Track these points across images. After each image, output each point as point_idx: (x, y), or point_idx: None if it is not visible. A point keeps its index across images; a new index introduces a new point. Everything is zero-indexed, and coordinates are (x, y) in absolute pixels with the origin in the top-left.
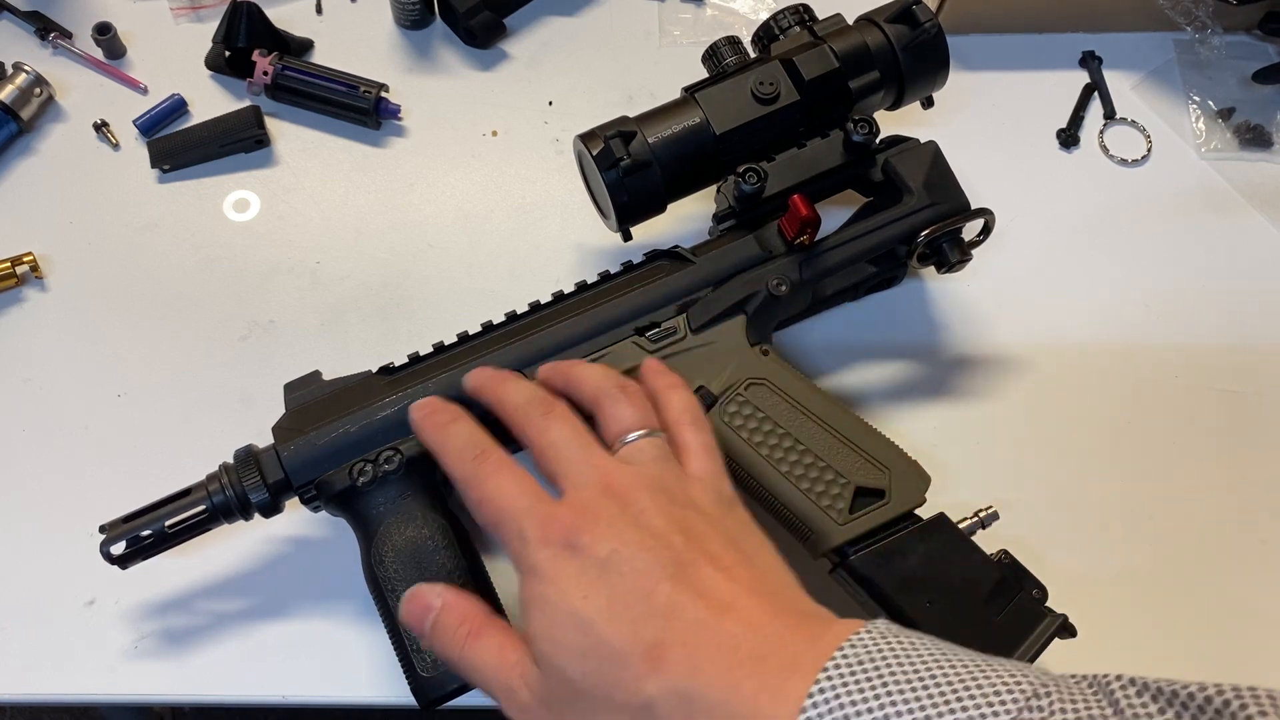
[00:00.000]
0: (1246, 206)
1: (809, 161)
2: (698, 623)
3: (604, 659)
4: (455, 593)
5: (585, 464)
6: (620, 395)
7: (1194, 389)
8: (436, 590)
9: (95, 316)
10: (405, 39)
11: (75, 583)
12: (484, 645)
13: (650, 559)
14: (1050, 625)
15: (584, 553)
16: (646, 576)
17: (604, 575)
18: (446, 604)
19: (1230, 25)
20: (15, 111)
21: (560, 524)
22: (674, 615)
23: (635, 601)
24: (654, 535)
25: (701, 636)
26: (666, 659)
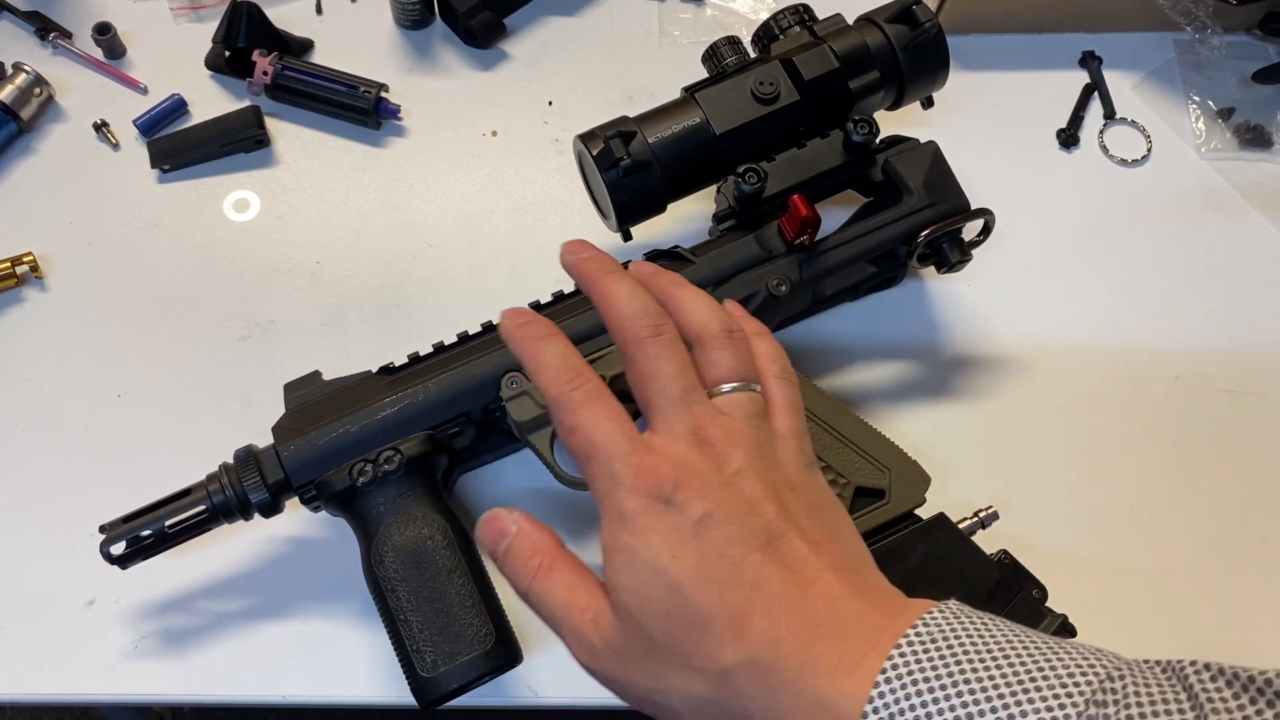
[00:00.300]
0: (1246, 206)
1: (809, 161)
2: (783, 596)
3: (688, 622)
4: (531, 522)
5: (684, 408)
6: (726, 340)
7: (1194, 389)
8: (513, 516)
9: (95, 316)
10: (405, 39)
11: (75, 583)
12: (555, 581)
13: (742, 526)
14: (1050, 625)
15: (677, 509)
16: (738, 544)
17: (696, 537)
18: (522, 531)
19: (1230, 25)
20: (15, 111)
21: (655, 473)
22: (761, 586)
23: (725, 568)
24: (747, 501)
25: (785, 609)
26: (749, 629)
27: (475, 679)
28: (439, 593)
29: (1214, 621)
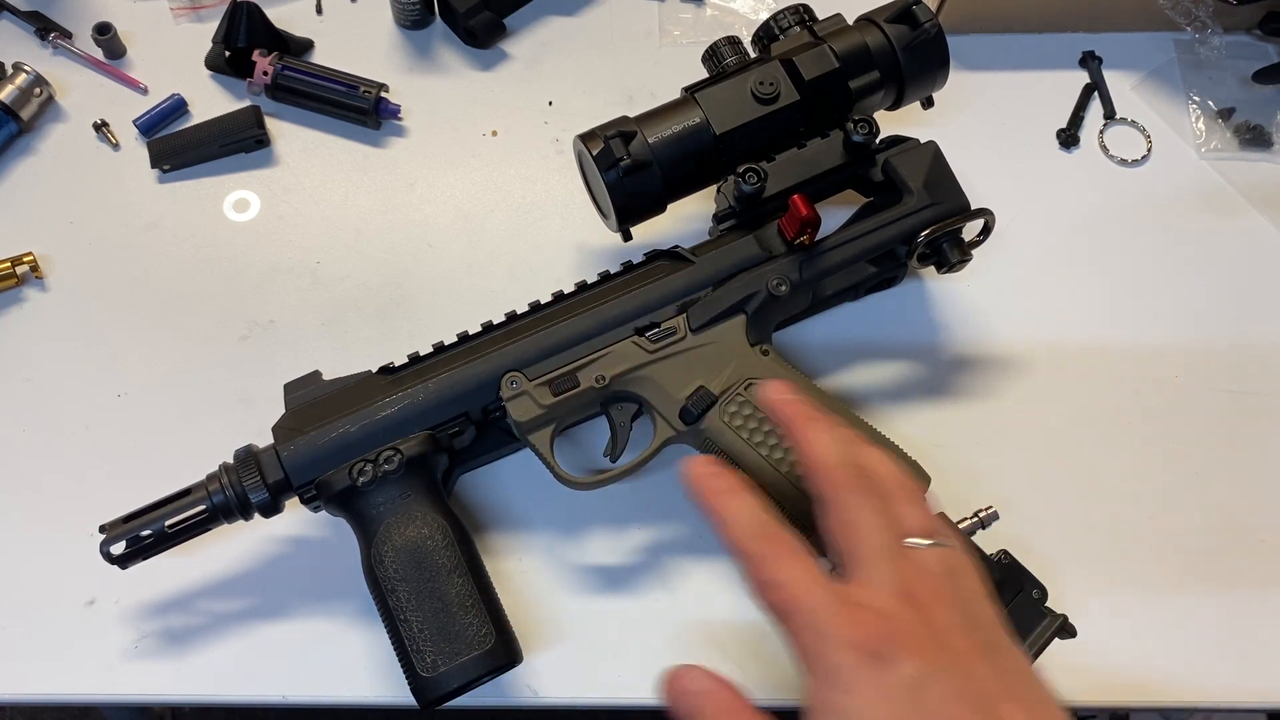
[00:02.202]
0: (1246, 206)
1: (809, 161)
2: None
3: None
4: (715, 679)
5: (888, 560)
6: (916, 493)
7: (1194, 389)
8: (695, 675)
9: (95, 316)
10: (405, 39)
11: (75, 583)
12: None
13: (957, 687)
14: (1050, 625)
15: (890, 667)
16: (954, 705)
17: (912, 697)
18: (706, 690)
19: (1230, 25)
20: (15, 111)
21: (863, 628)
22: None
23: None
24: (958, 660)
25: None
26: None
27: (475, 679)
28: (439, 592)
29: (1214, 621)
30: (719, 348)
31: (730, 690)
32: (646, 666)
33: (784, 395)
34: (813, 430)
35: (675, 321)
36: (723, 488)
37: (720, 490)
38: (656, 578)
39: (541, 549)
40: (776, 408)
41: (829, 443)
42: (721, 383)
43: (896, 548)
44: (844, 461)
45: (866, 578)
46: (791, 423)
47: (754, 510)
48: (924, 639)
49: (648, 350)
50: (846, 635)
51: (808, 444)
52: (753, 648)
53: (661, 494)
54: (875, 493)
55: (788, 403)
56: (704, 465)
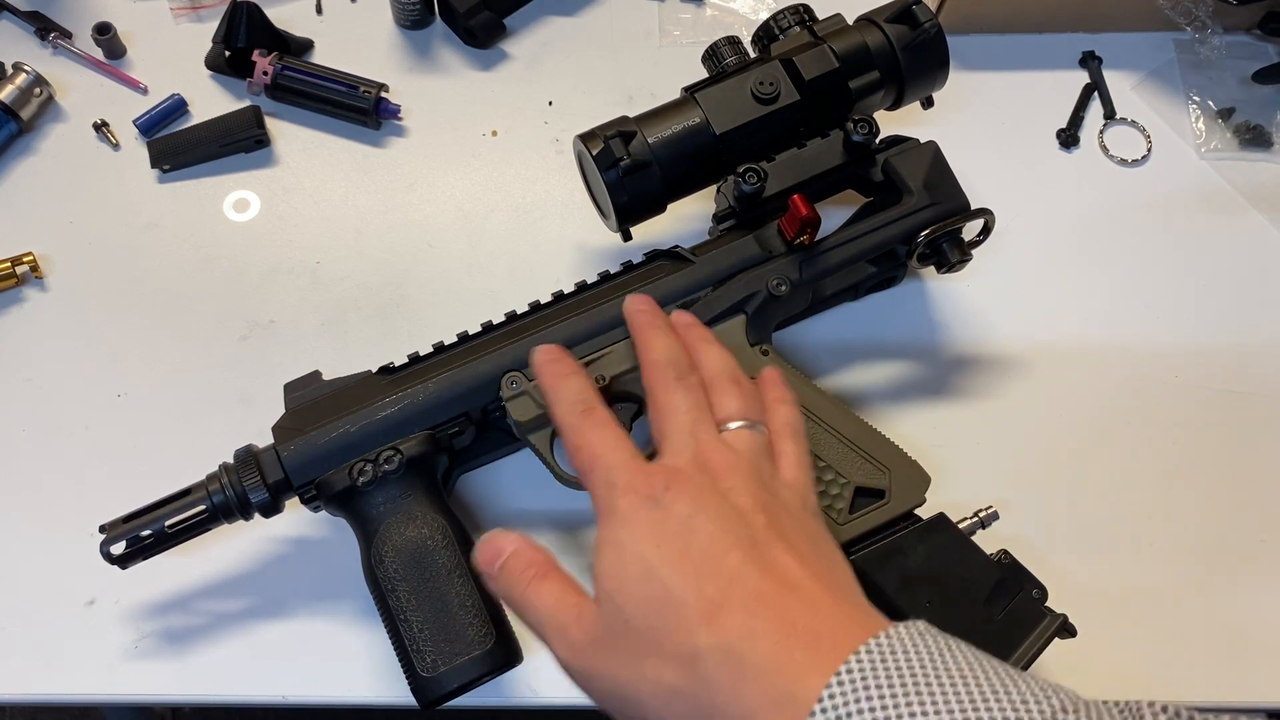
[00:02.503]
0: (1246, 206)
1: (809, 161)
2: (760, 593)
3: (663, 606)
4: (527, 542)
5: (690, 435)
6: (734, 386)
7: (1194, 389)
8: (511, 537)
9: (95, 316)
10: (405, 39)
11: (75, 583)
12: (546, 588)
13: (727, 528)
14: (1050, 625)
15: (666, 508)
16: (720, 541)
17: (681, 532)
18: (517, 550)
19: (1230, 25)
20: (15, 111)
21: (649, 479)
22: (738, 581)
23: (704, 561)
24: (736, 511)
25: (762, 605)
26: (723, 618)
27: (475, 679)
28: (439, 592)
29: (1214, 621)
30: None
31: (537, 549)
32: None
33: (638, 307)
34: (651, 334)
35: None
36: (561, 370)
37: (558, 373)
38: None
39: None
40: (629, 316)
41: (661, 345)
42: None
43: (704, 426)
44: (670, 360)
45: (671, 449)
46: (636, 328)
47: (583, 389)
48: (706, 492)
49: None
50: (631, 483)
51: (644, 347)
52: None
53: None
54: (692, 384)
55: (639, 313)
56: (549, 351)
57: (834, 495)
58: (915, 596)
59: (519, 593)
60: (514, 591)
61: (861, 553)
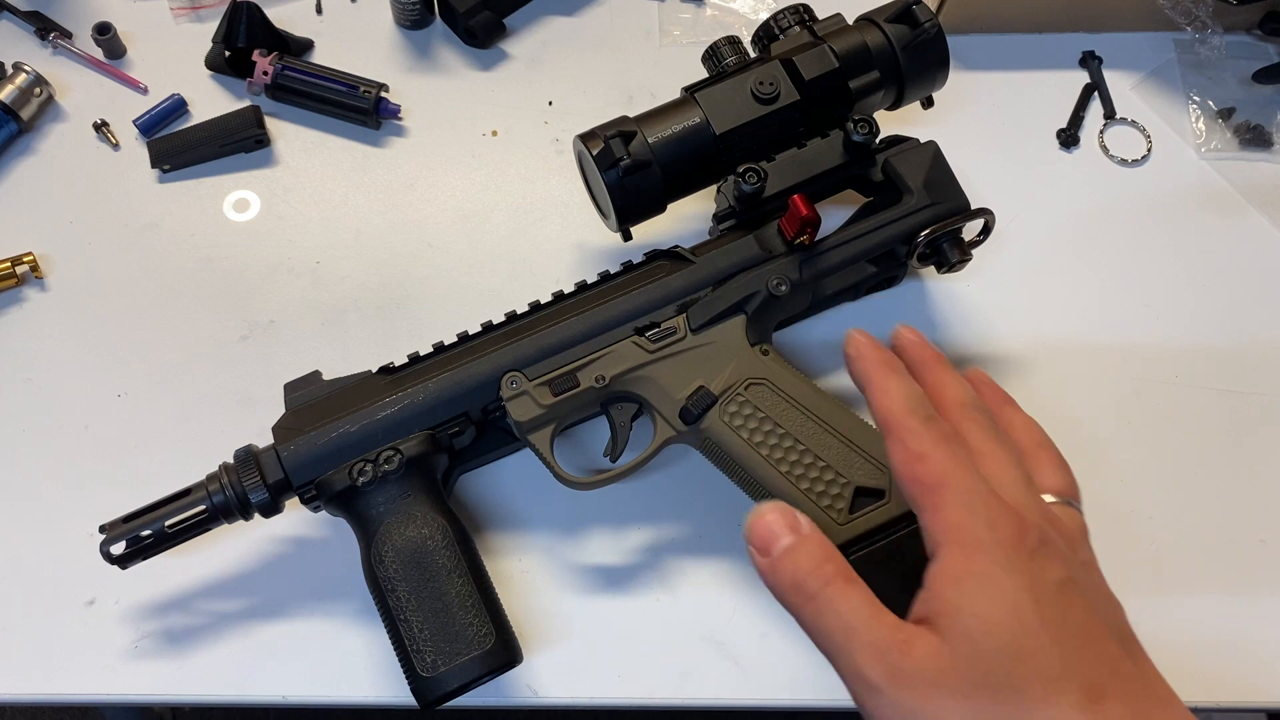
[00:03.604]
0: (1246, 206)
1: (809, 161)
2: (1140, 694)
3: (1037, 670)
4: (817, 529)
5: (1029, 493)
6: (1059, 459)
7: (1194, 389)
8: (800, 519)
9: (95, 316)
10: (405, 39)
11: (75, 583)
12: (855, 594)
13: (1099, 610)
14: None
15: (1040, 564)
16: (1096, 623)
17: (1057, 598)
18: (809, 538)
19: (1230, 25)
20: (15, 111)
21: (1022, 526)
22: (1119, 674)
23: (1084, 638)
24: (1102, 594)
25: (1141, 703)
26: (1107, 706)
27: (475, 679)
28: (439, 592)
29: (1214, 621)
30: (719, 348)
31: (832, 546)
32: (646, 666)
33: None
34: (934, 372)
35: (675, 321)
36: (884, 359)
37: (882, 362)
38: (656, 578)
39: (541, 549)
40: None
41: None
42: (721, 383)
43: (1035, 490)
44: (968, 402)
45: (1011, 499)
46: (919, 367)
47: (914, 390)
48: (1071, 562)
49: (648, 350)
50: (999, 521)
51: (936, 387)
52: (753, 648)
53: (661, 494)
54: (1007, 439)
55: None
56: (865, 337)
57: (834, 495)
58: (915, 597)
59: (814, 587)
60: (806, 584)
61: (862, 553)
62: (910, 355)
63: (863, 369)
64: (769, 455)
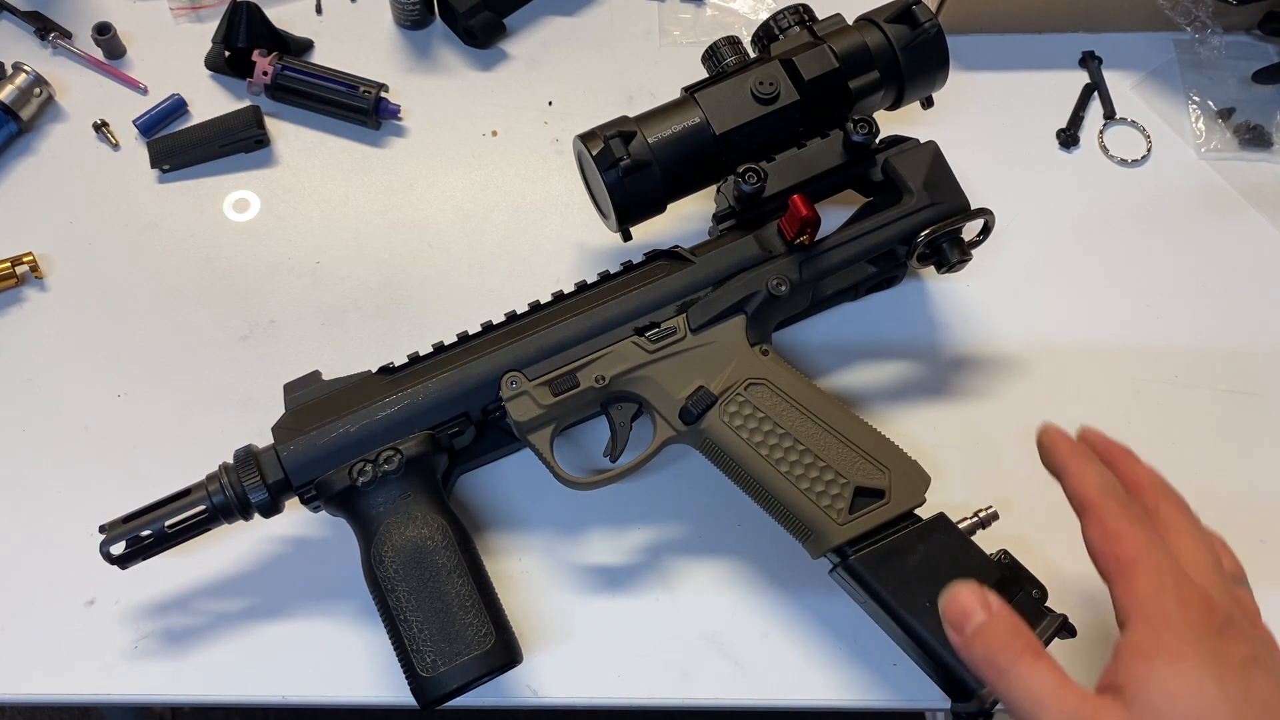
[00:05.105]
0: (1246, 206)
1: (809, 161)
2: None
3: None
4: (1006, 605)
5: (1217, 573)
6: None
7: (1194, 389)
8: (990, 596)
9: (95, 316)
10: (405, 39)
11: (75, 583)
12: (1045, 668)
13: (1278, 681)
14: (1050, 625)
15: (1225, 639)
16: (1277, 695)
17: (1242, 675)
18: (1000, 613)
19: (1230, 25)
20: (15, 111)
21: (1211, 606)
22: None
23: (1268, 713)
24: (1276, 662)
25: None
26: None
27: (475, 679)
28: (439, 593)
29: None
30: (719, 348)
31: (1019, 618)
32: (646, 666)
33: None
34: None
35: (675, 321)
36: (1078, 448)
37: (1076, 451)
38: (656, 578)
39: (541, 549)
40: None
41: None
42: (721, 383)
43: (1221, 570)
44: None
45: (1200, 579)
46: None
47: (1108, 474)
48: (1253, 640)
49: (647, 350)
50: (1189, 600)
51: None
52: (752, 648)
53: (661, 494)
54: (1199, 522)
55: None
56: (1057, 429)
57: (834, 495)
58: (915, 597)
59: (1006, 663)
60: (999, 660)
61: (861, 553)
62: (1100, 447)
63: (1059, 457)
64: (769, 455)
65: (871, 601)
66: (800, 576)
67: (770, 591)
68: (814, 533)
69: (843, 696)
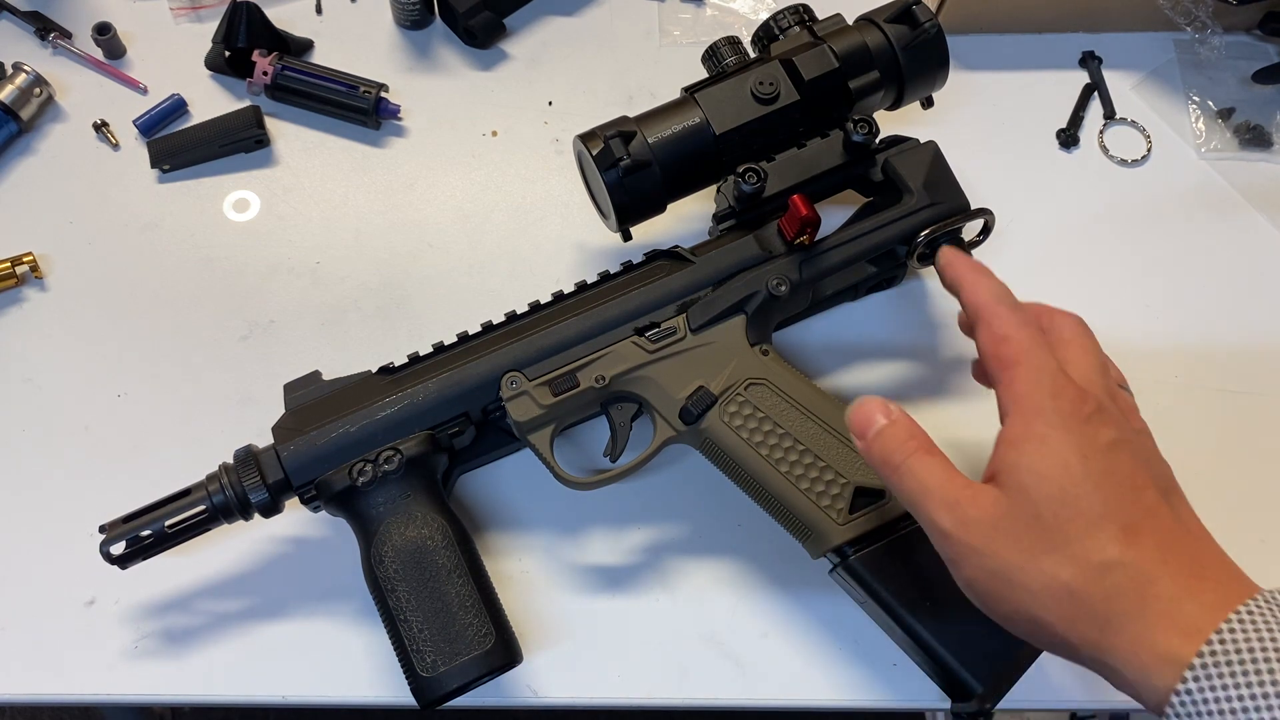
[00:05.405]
0: (1246, 206)
1: (809, 161)
2: (1174, 531)
3: (1080, 511)
4: (906, 414)
5: (1101, 374)
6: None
7: (1194, 389)
8: (891, 407)
9: (95, 316)
10: (405, 39)
11: (75, 583)
12: (934, 461)
13: (1145, 467)
14: None
15: (1094, 427)
16: (1140, 475)
17: (1105, 455)
18: (898, 420)
19: (1230, 25)
20: (15, 111)
21: (1081, 395)
22: (1155, 515)
23: (1125, 487)
24: (1149, 453)
25: (1177, 541)
26: (1139, 541)
27: (475, 679)
28: (439, 593)
29: None
30: (719, 348)
31: (918, 425)
32: (646, 666)
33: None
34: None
35: (675, 321)
36: (973, 266)
37: (972, 267)
38: (656, 578)
39: (541, 549)
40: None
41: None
42: (721, 383)
43: (1107, 373)
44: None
45: (1080, 377)
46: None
47: (1001, 285)
48: (1124, 427)
49: (647, 350)
50: (1063, 391)
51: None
52: (752, 648)
53: (661, 494)
54: (1093, 334)
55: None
56: (953, 248)
57: (834, 495)
58: (915, 596)
59: (899, 460)
60: (893, 458)
61: (861, 553)
62: (960, 274)
63: (955, 273)
64: (769, 455)
65: (871, 601)
66: (800, 576)
67: (770, 591)
68: (814, 532)
69: (843, 696)
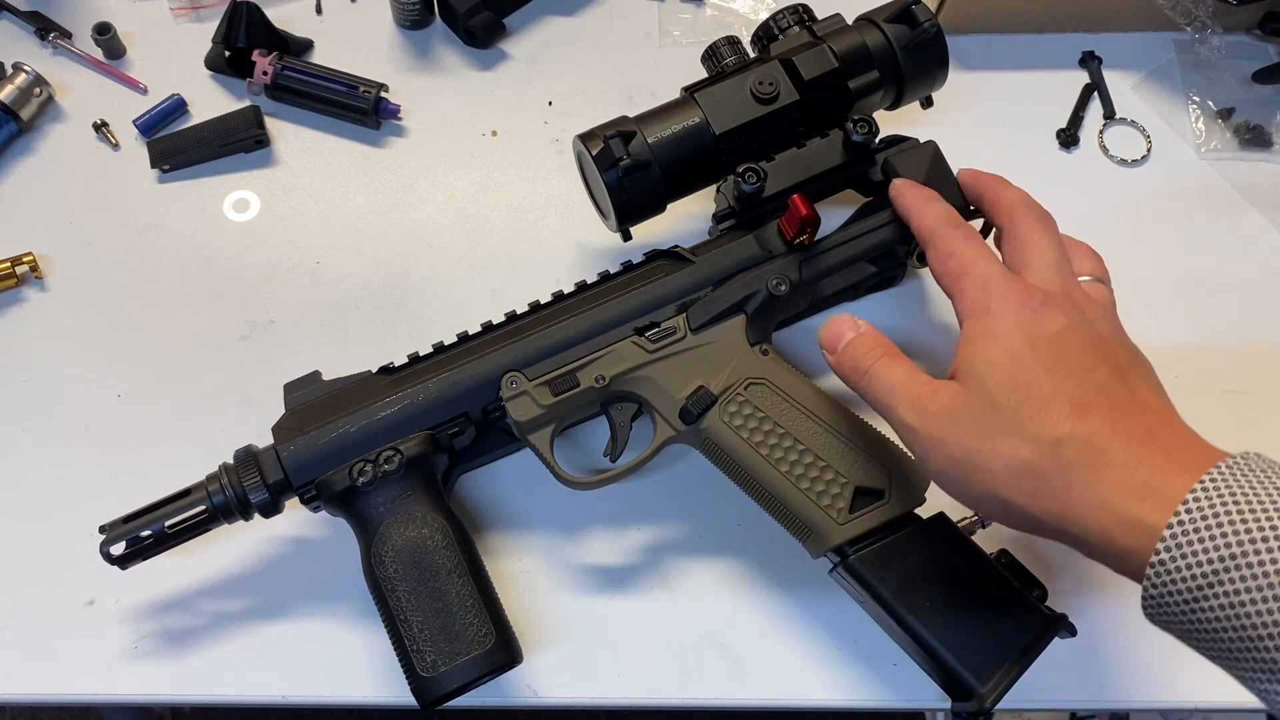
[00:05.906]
0: (1246, 206)
1: (809, 161)
2: (1125, 405)
3: (1030, 394)
4: (873, 327)
5: (1057, 270)
6: (1090, 249)
7: (1194, 389)
8: (859, 322)
9: (95, 316)
10: (405, 39)
11: (75, 583)
12: (898, 364)
13: (1095, 349)
14: (1050, 625)
15: (1042, 317)
16: (1089, 356)
17: (1055, 340)
18: (865, 333)
19: (1230, 25)
20: (15, 111)
21: (1026, 290)
22: (1105, 392)
23: (1075, 368)
24: (1101, 337)
25: (1127, 413)
26: (1090, 415)
27: (475, 679)
28: (439, 593)
29: None
30: (719, 348)
31: (884, 336)
32: (646, 666)
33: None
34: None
35: (675, 321)
36: (922, 194)
37: (920, 195)
38: (656, 578)
39: (541, 549)
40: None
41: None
42: (721, 383)
43: (1068, 269)
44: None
45: (1035, 277)
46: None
47: (947, 209)
48: (1074, 315)
49: (647, 350)
50: (1009, 290)
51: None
52: (752, 648)
53: (661, 494)
54: (1054, 229)
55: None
56: (905, 180)
57: (834, 495)
58: (915, 597)
59: (866, 365)
60: (861, 364)
61: (861, 553)
62: (972, 181)
63: (905, 202)
64: (769, 455)
65: (871, 601)
66: (800, 576)
67: (770, 591)
68: (814, 532)
69: (843, 696)
